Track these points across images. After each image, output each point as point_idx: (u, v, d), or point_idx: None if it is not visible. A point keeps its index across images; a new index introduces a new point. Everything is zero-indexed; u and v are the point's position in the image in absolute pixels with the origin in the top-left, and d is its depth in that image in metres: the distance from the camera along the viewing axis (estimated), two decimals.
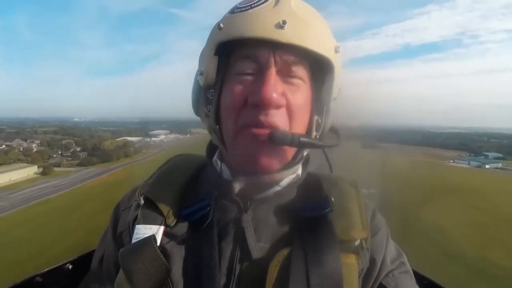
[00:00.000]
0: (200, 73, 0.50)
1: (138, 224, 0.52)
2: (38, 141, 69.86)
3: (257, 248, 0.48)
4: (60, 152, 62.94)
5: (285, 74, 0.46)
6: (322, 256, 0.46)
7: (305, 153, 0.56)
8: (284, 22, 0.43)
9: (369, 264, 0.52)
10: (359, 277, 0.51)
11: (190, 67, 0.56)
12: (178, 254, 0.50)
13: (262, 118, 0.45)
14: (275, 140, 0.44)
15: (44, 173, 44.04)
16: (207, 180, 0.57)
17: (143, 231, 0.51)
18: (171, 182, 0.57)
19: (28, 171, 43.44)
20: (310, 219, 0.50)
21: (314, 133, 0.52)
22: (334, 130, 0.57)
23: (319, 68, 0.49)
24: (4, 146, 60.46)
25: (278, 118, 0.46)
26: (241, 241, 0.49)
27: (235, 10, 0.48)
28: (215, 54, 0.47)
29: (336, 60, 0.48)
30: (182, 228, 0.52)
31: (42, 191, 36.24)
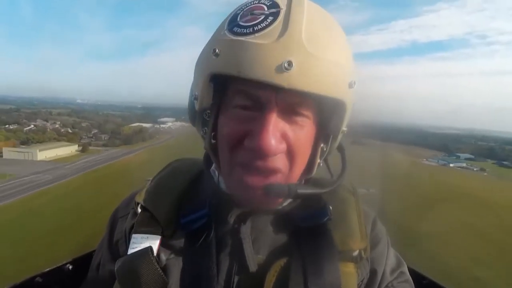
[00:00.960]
0: (194, 97, 0.47)
1: (134, 233, 0.51)
2: (59, 122, 76.99)
3: (255, 260, 0.48)
4: (86, 134, 70.19)
5: (289, 113, 0.43)
6: (321, 266, 0.45)
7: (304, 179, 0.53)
8: (290, 64, 0.37)
9: (369, 275, 0.52)
10: (358, 287, 0.50)
11: (193, 54, 0.53)
12: (175, 265, 0.49)
13: (259, 163, 0.43)
14: (270, 194, 0.44)
15: (82, 150, 52.99)
16: (205, 189, 0.56)
17: (139, 241, 0.50)
18: (169, 190, 0.56)
19: (71, 149, 52.24)
20: (308, 228, 0.50)
21: (317, 161, 0.50)
22: (340, 149, 0.54)
23: (328, 103, 0.44)
24: (32, 126, 68.20)
25: (276, 163, 0.44)
26: (239, 252, 0.48)
27: (235, 30, 0.41)
28: (210, 81, 0.43)
29: (349, 96, 0.44)
30: (180, 238, 0.51)
31: (87, 163, 45.14)
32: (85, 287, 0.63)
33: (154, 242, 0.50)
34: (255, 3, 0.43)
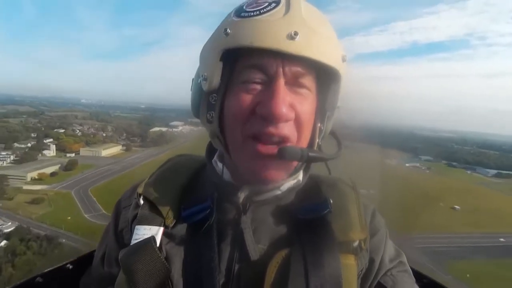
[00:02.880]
0: (203, 78, 0.50)
1: (137, 224, 0.54)
2: (96, 125, 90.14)
3: (256, 249, 0.50)
4: (119, 137, 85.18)
5: (293, 85, 0.48)
6: (321, 257, 0.48)
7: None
8: (296, 33, 0.43)
9: (368, 264, 0.55)
10: (358, 277, 0.52)
11: (194, 54, 0.57)
12: (177, 255, 0.52)
13: (271, 130, 0.46)
14: (285, 157, 0.46)
15: (127, 150, 69.34)
16: (207, 181, 0.59)
17: (142, 231, 0.53)
18: (171, 182, 0.59)
19: (118, 149, 68.50)
20: (309, 220, 0.52)
21: (317, 140, 0.54)
22: (333, 134, 0.59)
23: (325, 77, 0.50)
24: (78, 131, 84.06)
25: (287, 130, 0.47)
26: (240, 242, 0.51)
27: (243, 14, 0.47)
28: (220, 59, 0.47)
29: (344, 70, 0.49)
30: (182, 229, 0.54)
31: (138, 159, 61.51)
32: (88, 278, 0.66)
33: (156, 233, 0.52)
34: None
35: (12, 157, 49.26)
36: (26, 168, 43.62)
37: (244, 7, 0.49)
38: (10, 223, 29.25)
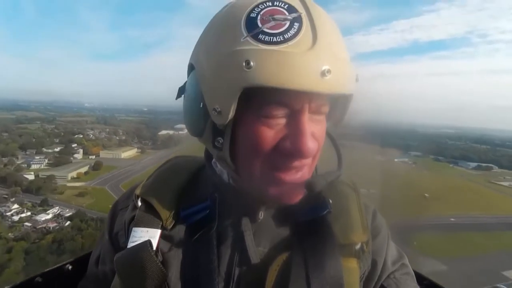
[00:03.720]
0: (215, 111, 0.44)
1: (135, 226, 0.53)
2: (107, 130, 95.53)
3: (256, 252, 0.50)
4: (132, 140, 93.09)
5: (313, 113, 0.46)
6: (322, 259, 0.47)
7: None
8: (329, 72, 0.40)
9: (370, 266, 0.54)
10: (360, 281, 0.52)
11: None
12: (175, 257, 0.51)
13: (297, 164, 0.46)
14: (313, 190, 0.46)
15: (142, 152, 77.33)
16: (206, 182, 0.58)
17: (139, 234, 0.52)
18: (169, 184, 0.58)
19: (133, 151, 76.55)
20: (309, 222, 0.52)
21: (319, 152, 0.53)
22: (328, 135, 0.56)
23: (342, 96, 0.49)
24: (92, 135, 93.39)
25: (308, 160, 0.48)
26: (240, 245, 0.50)
27: (264, 38, 0.41)
28: (240, 91, 0.41)
29: (355, 89, 0.48)
30: (180, 231, 0.53)
31: (150, 161, 68.02)
32: (85, 281, 0.65)
33: (154, 235, 0.52)
34: (271, 6, 0.43)
35: (46, 161, 58.39)
36: (64, 170, 52.76)
37: (260, 25, 0.41)
38: (68, 210, 37.91)
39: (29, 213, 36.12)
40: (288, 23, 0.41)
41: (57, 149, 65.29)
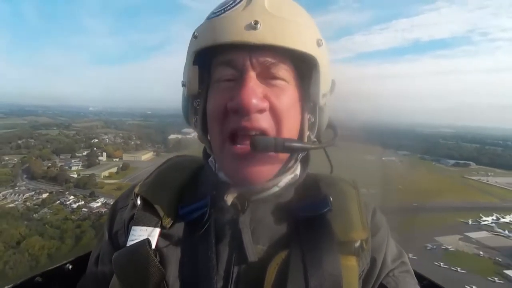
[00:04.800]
0: (182, 84, 0.53)
1: (134, 225, 0.54)
2: (120, 134, 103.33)
3: (254, 250, 0.51)
4: (146, 143, 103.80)
5: (266, 77, 0.48)
6: (321, 257, 0.48)
7: (300, 155, 0.57)
8: (256, 22, 0.44)
9: (369, 264, 0.55)
10: (359, 278, 0.53)
11: None
12: (174, 256, 0.52)
13: (245, 123, 0.47)
14: (256, 148, 0.46)
15: (157, 155, 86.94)
16: (205, 181, 0.60)
17: (138, 232, 0.53)
18: (168, 183, 0.60)
19: (150, 154, 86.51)
20: (309, 219, 0.52)
21: (306, 133, 0.54)
22: (332, 127, 0.59)
23: (304, 65, 0.50)
24: (107, 140, 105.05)
25: (262, 122, 0.48)
26: (238, 242, 0.51)
27: (210, 16, 0.50)
28: (195, 63, 0.50)
29: (320, 55, 0.49)
30: (179, 229, 0.55)
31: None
32: (84, 281, 0.66)
33: (153, 234, 0.53)
34: None
35: (80, 163, 70.93)
36: (97, 170, 65.13)
37: (213, 10, 0.51)
38: (111, 200, 47.78)
39: (82, 202, 48.64)
40: (231, 1, 0.49)
41: (84, 153, 77.85)
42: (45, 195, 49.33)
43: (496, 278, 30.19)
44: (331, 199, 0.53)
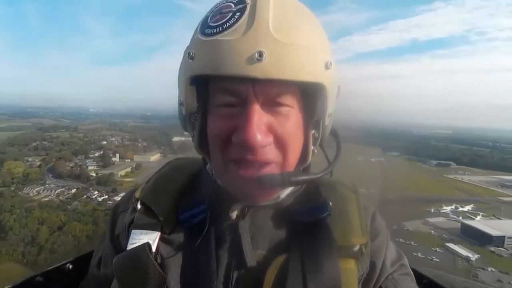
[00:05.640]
0: (180, 102, 0.52)
1: (134, 229, 0.56)
2: (126, 137, 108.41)
3: (253, 255, 0.52)
4: (153, 145, 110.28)
5: (271, 105, 0.47)
6: (320, 262, 0.48)
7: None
8: (261, 54, 0.41)
9: (369, 268, 0.56)
10: (359, 283, 0.53)
11: None
12: (174, 261, 0.53)
13: (250, 157, 0.47)
14: (263, 184, 0.47)
15: (164, 156, 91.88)
16: (204, 185, 0.61)
17: (139, 236, 0.54)
18: (168, 187, 0.60)
19: (158, 156, 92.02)
20: (308, 224, 0.53)
21: (311, 148, 0.54)
22: (334, 134, 0.59)
23: (311, 88, 0.49)
24: (116, 142, 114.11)
25: (267, 155, 0.48)
26: (237, 248, 0.52)
27: (207, 31, 0.46)
28: (191, 84, 0.48)
29: (328, 78, 0.48)
30: (179, 234, 0.55)
31: None
32: (86, 283, 0.68)
33: (153, 238, 0.54)
34: (224, 3, 0.48)
35: (95, 164, 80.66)
36: (113, 169, 74.92)
37: (209, 20, 0.48)
38: None
39: (107, 196, 58.45)
40: (230, 14, 0.45)
41: (97, 154, 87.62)
42: (73, 191, 59.22)
43: (438, 249, 40.17)
44: (331, 203, 0.54)
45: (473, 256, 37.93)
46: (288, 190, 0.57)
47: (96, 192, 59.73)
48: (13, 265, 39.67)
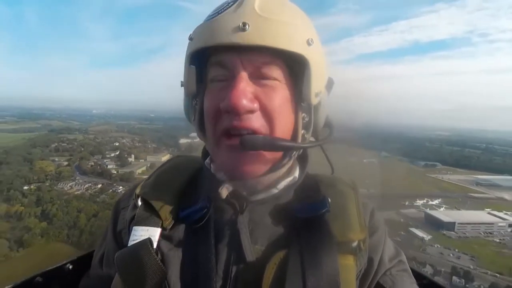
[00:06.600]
0: (181, 84, 0.57)
1: (135, 225, 0.57)
2: (136, 138, 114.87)
3: (252, 250, 0.53)
4: (161, 147, 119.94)
5: (257, 77, 0.51)
6: (319, 257, 0.50)
7: (295, 153, 0.59)
8: (245, 24, 0.48)
9: (367, 264, 0.58)
10: (357, 278, 0.55)
11: None
12: (175, 256, 0.55)
13: (235, 123, 0.50)
14: (244, 146, 0.49)
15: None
16: (205, 182, 0.63)
17: (140, 233, 0.56)
18: (169, 184, 0.62)
19: (168, 157, 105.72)
20: (307, 220, 0.54)
21: (301, 132, 0.56)
22: (329, 126, 0.61)
23: (297, 65, 0.52)
24: (127, 143, 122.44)
25: (253, 122, 0.51)
26: (236, 243, 0.54)
27: (206, 19, 0.54)
28: (191, 64, 0.54)
29: (311, 54, 0.51)
30: (179, 230, 0.57)
31: None
32: (88, 280, 0.70)
33: (154, 234, 0.55)
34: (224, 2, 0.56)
35: (113, 163, 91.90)
36: (132, 168, 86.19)
37: (209, 13, 0.55)
38: None
39: None
40: (226, 3, 0.54)
41: (112, 155, 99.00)
42: (99, 186, 70.73)
43: (402, 232, 51.53)
44: (330, 200, 0.55)
45: (427, 237, 49.14)
46: (285, 181, 0.58)
47: (120, 187, 70.91)
48: (60, 244, 51.12)
